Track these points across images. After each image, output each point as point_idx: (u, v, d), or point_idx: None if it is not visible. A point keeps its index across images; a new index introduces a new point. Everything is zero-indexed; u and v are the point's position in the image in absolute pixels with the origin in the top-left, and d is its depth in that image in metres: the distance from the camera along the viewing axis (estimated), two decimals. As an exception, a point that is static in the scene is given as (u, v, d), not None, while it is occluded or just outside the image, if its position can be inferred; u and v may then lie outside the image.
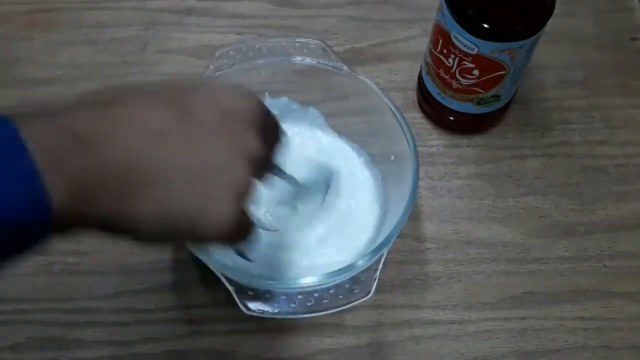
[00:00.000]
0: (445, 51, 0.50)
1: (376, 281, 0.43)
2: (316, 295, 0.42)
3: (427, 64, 0.55)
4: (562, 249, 0.53)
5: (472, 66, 0.50)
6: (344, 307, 0.42)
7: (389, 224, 0.44)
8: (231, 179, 0.32)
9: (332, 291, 0.43)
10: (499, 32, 0.47)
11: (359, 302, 0.42)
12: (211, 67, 0.50)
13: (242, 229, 0.34)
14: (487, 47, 0.48)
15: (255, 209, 0.49)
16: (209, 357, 0.48)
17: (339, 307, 0.42)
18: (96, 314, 0.49)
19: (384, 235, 0.43)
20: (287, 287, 0.43)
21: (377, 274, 0.43)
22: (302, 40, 0.51)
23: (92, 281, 0.50)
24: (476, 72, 0.50)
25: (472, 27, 0.47)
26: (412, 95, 0.59)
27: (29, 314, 0.49)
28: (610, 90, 0.60)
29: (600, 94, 0.60)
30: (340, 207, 0.50)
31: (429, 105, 0.57)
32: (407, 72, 0.60)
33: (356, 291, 0.43)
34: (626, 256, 0.53)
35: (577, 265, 0.52)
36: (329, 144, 0.53)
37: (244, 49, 0.51)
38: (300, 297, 0.43)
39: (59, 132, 0.27)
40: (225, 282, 0.42)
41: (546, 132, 0.58)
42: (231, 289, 0.42)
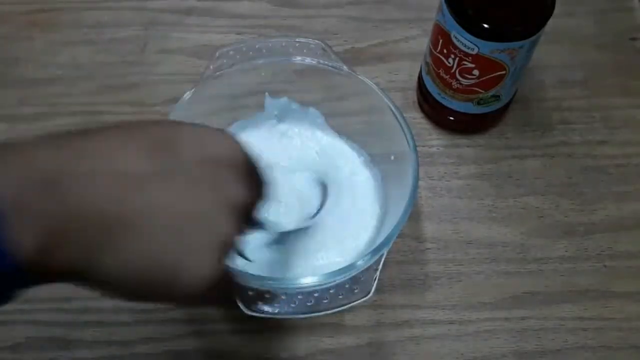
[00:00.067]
0: (445, 51, 0.50)
1: (376, 281, 0.42)
2: (316, 295, 0.42)
3: (427, 64, 0.55)
4: (562, 249, 0.53)
5: (472, 66, 0.50)
6: (344, 307, 0.42)
7: (389, 224, 0.44)
8: (214, 231, 0.29)
9: (332, 291, 0.43)
10: (499, 32, 0.47)
11: (359, 302, 0.42)
12: (211, 67, 0.50)
13: (220, 286, 0.31)
14: (487, 47, 0.48)
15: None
16: (209, 357, 0.48)
17: (339, 307, 0.42)
18: (96, 314, 0.49)
19: (384, 235, 0.43)
20: (287, 287, 0.42)
21: (377, 274, 0.43)
22: (302, 40, 0.51)
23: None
24: (476, 72, 0.50)
25: (472, 27, 0.47)
26: (412, 95, 0.59)
27: (29, 314, 0.49)
28: (610, 90, 0.60)
29: (600, 94, 0.60)
30: (340, 207, 0.50)
31: (429, 105, 0.57)
32: (407, 72, 0.60)
33: (356, 291, 0.43)
34: (626, 256, 0.53)
35: (577, 265, 0.52)
36: (329, 144, 0.53)
37: (244, 49, 0.50)
38: (300, 297, 0.43)
39: (25, 171, 0.25)
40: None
41: (546, 132, 0.58)
42: (231, 289, 0.42)
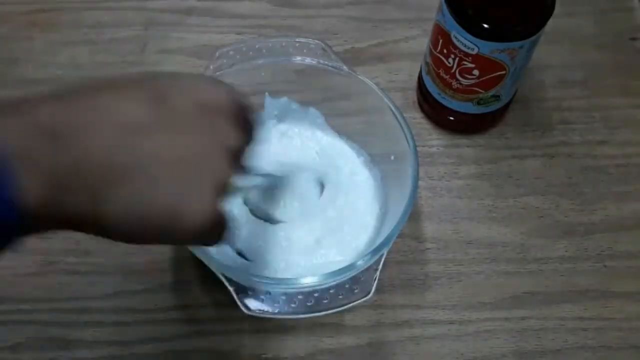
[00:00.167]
0: (445, 51, 0.50)
1: (376, 281, 0.43)
2: (316, 295, 0.42)
3: (427, 64, 0.55)
4: (562, 249, 0.53)
5: (472, 66, 0.50)
6: (344, 307, 0.42)
7: (389, 224, 0.44)
8: (210, 172, 0.31)
9: (332, 291, 0.43)
10: (499, 32, 0.47)
11: (359, 302, 0.42)
12: (211, 67, 0.50)
13: (219, 225, 0.33)
14: (487, 47, 0.48)
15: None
16: (209, 357, 0.48)
17: (339, 307, 0.42)
18: (96, 314, 0.49)
19: (384, 235, 0.43)
20: (287, 287, 0.42)
21: (377, 274, 0.43)
22: (302, 40, 0.51)
23: (92, 281, 0.50)
24: (476, 72, 0.50)
25: (472, 27, 0.47)
26: (412, 95, 0.59)
27: (29, 314, 0.49)
28: (610, 90, 0.60)
29: (600, 94, 0.60)
30: (340, 207, 0.50)
31: (429, 105, 0.57)
32: (407, 72, 0.60)
33: (356, 291, 0.43)
34: (626, 256, 0.53)
35: (577, 265, 0.52)
36: (329, 144, 0.53)
37: (244, 49, 0.51)
38: (300, 297, 0.43)
39: (29, 125, 0.26)
40: (225, 282, 0.42)
41: (546, 132, 0.58)
42: (231, 289, 0.42)
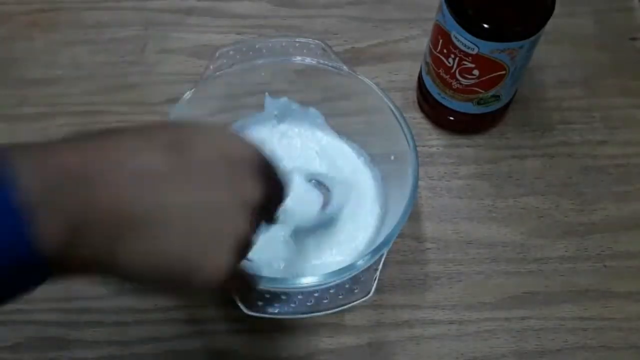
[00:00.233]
0: (445, 51, 0.50)
1: (376, 281, 0.43)
2: (316, 295, 0.42)
3: (427, 64, 0.55)
4: (562, 249, 0.53)
5: (472, 66, 0.50)
6: (344, 307, 0.42)
7: (389, 224, 0.44)
8: (232, 229, 0.30)
9: (332, 291, 0.43)
10: (499, 32, 0.47)
11: (359, 302, 0.42)
12: (211, 67, 0.50)
13: (234, 281, 0.33)
14: (487, 47, 0.47)
15: None
16: (209, 357, 0.48)
17: (339, 307, 0.42)
18: (96, 314, 0.49)
19: (384, 235, 0.43)
20: (287, 287, 0.42)
21: (377, 274, 0.43)
22: (302, 40, 0.51)
23: (92, 281, 0.50)
24: (476, 72, 0.50)
25: (472, 27, 0.47)
26: (412, 95, 0.59)
27: (29, 314, 0.49)
28: (610, 90, 0.60)
29: (600, 94, 0.60)
30: (339, 208, 0.50)
31: (429, 105, 0.57)
32: (407, 72, 0.60)
33: (356, 291, 0.43)
34: (626, 256, 0.53)
35: (577, 265, 0.52)
36: (329, 144, 0.53)
37: (244, 49, 0.51)
38: (300, 297, 0.43)
39: (52, 169, 0.26)
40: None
41: (546, 132, 0.58)
42: (231, 289, 0.42)
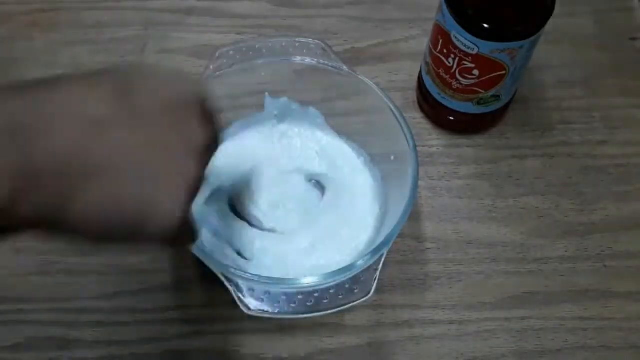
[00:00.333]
0: (445, 51, 0.50)
1: (376, 281, 0.43)
2: (316, 295, 0.42)
3: (427, 64, 0.55)
4: (562, 249, 0.53)
5: (472, 66, 0.50)
6: (344, 307, 0.42)
7: (389, 224, 0.44)
8: (179, 172, 0.30)
9: (332, 291, 0.43)
10: (499, 32, 0.47)
11: (359, 302, 0.42)
12: (211, 67, 0.50)
13: (188, 228, 0.32)
14: (487, 47, 0.47)
15: (254, 209, 0.49)
16: (209, 357, 0.48)
17: (339, 307, 0.42)
18: (96, 314, 0.49)
19: (384, 235, 0.43)
20: (287, 287, 0.42)
21: (377, 274, 0.43)
22: (302, 40, 0.51)
23: (92, 281, 0.50)
24: (476, 72, 0.50)
25: (472, 27, 0.47)
26: (412, 95, 0.59)
27: (29, 314, 0.49)
28: (610, 90, 0.60)
29: (600, 94, 0.60)
30: (339, 208, 0.50)
31: (429, 105, 0.57)
32: (407, 72, 0.60)
33: (356, 291, 0.43)
34: (626, 256, 0.53)
35: (577, 265, 0.52)
36: (329, 144, 0.53)
37: (244, 49, 0.50)
38: (300, 297, 0.43)
39: None
40: (225, 282, 0.42)
41: (546, 132, 0.58)
42: (231, 289, 0.42)
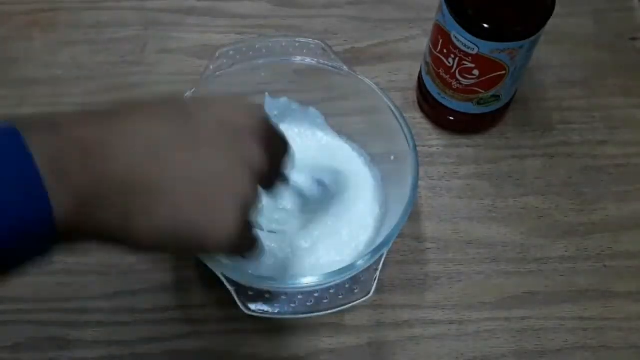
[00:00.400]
0: (445, 51, 0.50)
1: (376, 281, 0.43)
2: (316, 295, 0.42)
3: (427, 64, 0.55)
4: (562, 249, 0.53)
5: (472, 66, 0.50)
6: (344, 307, 0.42)
7: (389, 224, 0.44)
8: (235, 189, 0.32)
9: (332, 291, 0.43)
10: (499, 32, 0.47)
11: (359, 302, 0.42)
12: (211, 67, 0.50)
13: (246, 241, 0.35)
14: (487, 47, 0.47)
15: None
16: (209, 357, 0.48)
17: (339, 307, 0.42)
18: (96, 314, 0.49)
19: (384, 235, 0.43)
20: (287, 287, 0.43)
21: (377, 274, 0.43)
22: (302, 40, 0.51)
23: (92, 281, 0.50)
24: (476, 72, 0.50)
25: (472, 27, 0.47)
26: (412, 95, 0.59)
27: (29, 314, 0.49)
28: (610, 90, 0.60)
29: (600, 94, 0.60)
30: (340, 208, 0.50)
31: (429, 105, 0.57)
32: (407, 72, 0.60)
33: (356, 291, 0.43)
34: (626, 256, 0.53)
35: (577, 265, 0.52)
36: (329, 144, 0.53)
37: (244, 49, 0.51)
38: (300, 297, 0.43)
39: (64, 142, 0.27)
40: (225, 282, 0.42)
41: (546, 132, 0.58)
42: (231, 289, 0.42)
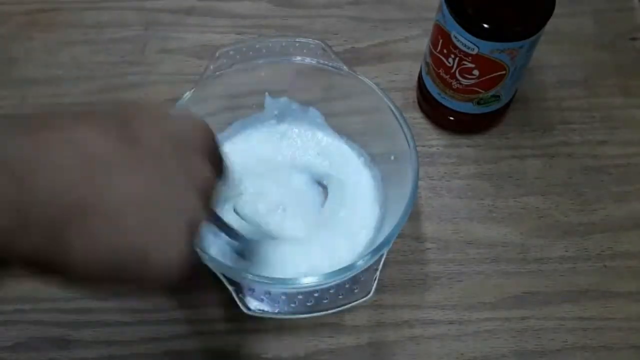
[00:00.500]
0: (445, 51, 0.50)
1: (376, 281, 0.43)
2: (316, 295, 0.42)
3: (427, 64, 0.55)
4: (562, 249, 0.53)
5: (472, 66, 0.50)
6: (344, 307, 0.42)
7: (389, 224, 0.44)
8: (182, 211, 0.28)
9: (332, 291, 0.43)
10: (499, 32, 0.47)
11: (359, 302, 0.42)
12: (211, 67, 0.50)
13: (192, 268, 0.30)
14: (487, 47, 0.47)
15: (254, 209, 0.49)
16: (209, 357, 0.48)
17: (339, 307, 0.42)
18: (96, 314, 0.49)
19: (384, 235, 0.43)
20: (287, 287, 0.43)
21: (377, 274, 0.43)
22: (302, 40, 0.51)
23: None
24: (476, 72, 0.50)
25: (472, 27, 0.47)
26: (412, 95, 0.59)
27: (29, 314, 0.49)
28: (610, 90, 0.60)
29: (600, 94, 0.60)
30: (340, 208, 0.50)
31: (429, 105, 0.57)
32: (407, 72, 0.60)
33: (356, 291, 0.43)
34: (626, 256, 0.53)
35: (577, 265, 0.52)
36: (329, 145, 0.53)
37: (244, 49, 0.51)
38: (300, 297, 0.43)
39: None
40: (225, 282, 0.42)
41: (546, 132, 0.58)
42: (231, 289, 0.42)
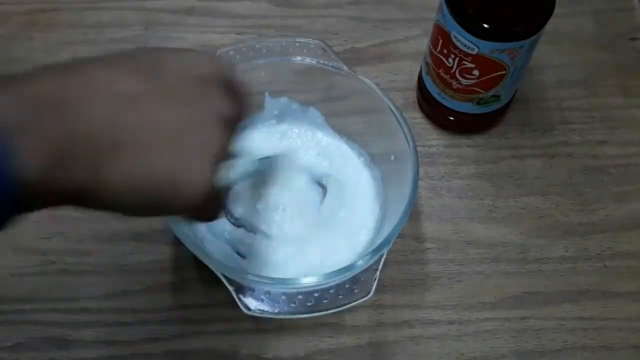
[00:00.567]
0: (445, 51, 0.50)
1: (376, 281, 0.43)
2: (316, 295, 0.42)
3: (427, 64, 0.55)
4: (562, 249, 0.53)
5: (472, 66, 0.50)
6: (344, 307, 0.42)
7: (389, 224, 0.44)
8: (206, 140, 0.31)
9: (332, 291, 0.43)
10: (499, 32, 0.47)
11: (359, 302, 0.42)
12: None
13: (213, 199, 0.34)
14: (487, 47, 0.47)
15: (255, 209, 0.49)
16: (209, 357, 0.48)
17: (339, 307, 0.42)
18: (96, 314, 0.49)
19: (384, 235, 0.43)
20: (287, 287, 0.43)
21: (377, 274, 0.43)
22: (302, 40, 0.51)
23: (92, 281, 0.50)
24: (476, 72, 0.50)
25: (472, 27, 0.47)
26: (412, 95, 0.59)
27: (29, 314, 0.49)
28: (610, 90, 0.60)
29: (600, 94, 0.60)
30: (340, 208, 0.50)
31: (429, 105, 0.57)
32: (407, 72, 0.60)
33: (356, 291, 0.43)
34: (626, 256, 0.53)
35: (577, 265, 0.52)
36: (329, 145, 0.53)
37: (244, 49, 0.51)
38: (300, 297, 0.43)
39: (27, 97, 0.26)
40: (225, 282, 0.42)
41: (546, 132, 0.58)
42: (231, 289, 0.42)
